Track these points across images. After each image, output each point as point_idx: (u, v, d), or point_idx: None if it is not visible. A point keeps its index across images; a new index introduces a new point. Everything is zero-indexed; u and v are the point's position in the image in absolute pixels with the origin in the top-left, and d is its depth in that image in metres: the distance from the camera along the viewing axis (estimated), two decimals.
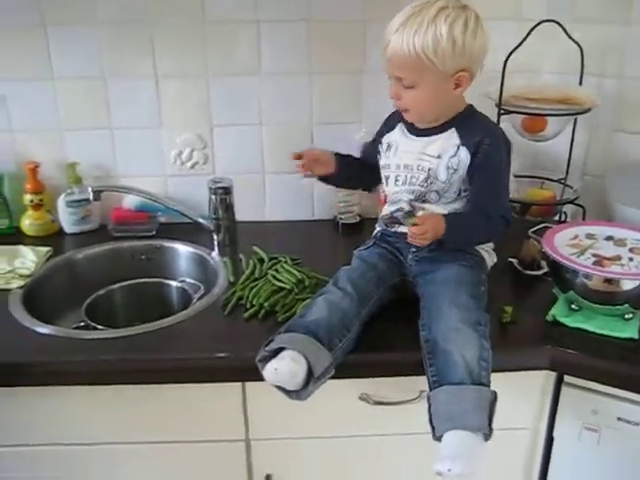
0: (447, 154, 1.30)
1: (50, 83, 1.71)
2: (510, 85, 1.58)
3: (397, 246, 1.38)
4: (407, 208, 1.34)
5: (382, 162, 1.40)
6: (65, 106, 1.74)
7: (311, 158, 1.42)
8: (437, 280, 1.29)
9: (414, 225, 1.26)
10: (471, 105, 1.35)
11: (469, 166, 1.29)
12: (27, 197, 1.76)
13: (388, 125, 1.41)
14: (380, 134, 1.43)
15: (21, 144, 1.77)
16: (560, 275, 1.33)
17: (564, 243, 1.36)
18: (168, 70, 1.71)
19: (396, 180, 1.37)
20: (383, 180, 1.41)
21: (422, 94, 1.26)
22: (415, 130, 1.35)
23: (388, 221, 1.39)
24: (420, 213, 1.31)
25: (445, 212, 1.32)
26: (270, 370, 1.12)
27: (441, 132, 1.31)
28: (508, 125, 1.67)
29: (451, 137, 1.30)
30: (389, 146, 1.39)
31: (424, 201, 1.34)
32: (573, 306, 1.34)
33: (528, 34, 1.52)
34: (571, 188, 1.72)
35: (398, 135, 1.38)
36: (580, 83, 1.65)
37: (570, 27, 1.57)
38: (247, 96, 1.74)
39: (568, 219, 1.74)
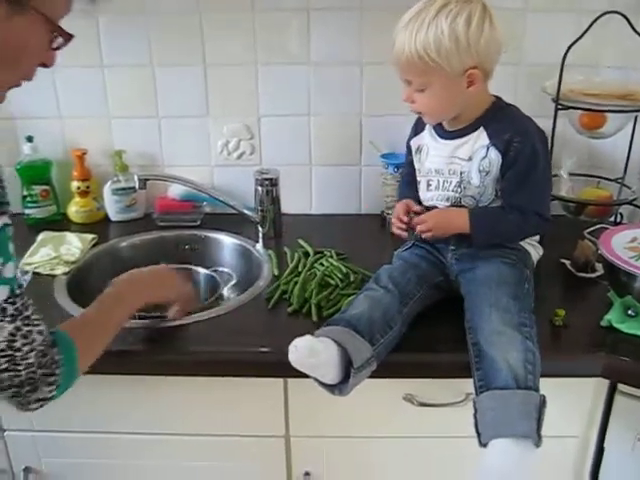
0: (478, 156, 1.25)
1: (99, 70, 1.71)
2: (568, 79, 1.52)
3: (436, 246, 1.35)
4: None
5: (415, 166, 1.37)
6: (113, 94, 1.74)
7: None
8: (477, 279, 1.25)
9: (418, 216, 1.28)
10: (499, 99, 1.28)
11: (501, 166, 1.23)
12: (74, 184, 1.77)
13: (417, 127, 1.37)
14: (409, 138, 1.40)
15: (69, 131, 1.78)
16: (617, 279, 1.28)
17: (622, 245, 1.31)
18: (217, 59, 1.69)
19: (428, 185, 1.33)
20: (417, 184, 1.37)
21: (434, 96, 1.20)
22: (444, 133, 1.30)
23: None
24: None
25: None
26: (291, 349, 1.09)
27: (470, 132, 1.26)
28: (565, 121, 1.61)
29: (480, 137, 1.25)
30: (419, 149, 1.35)
31: (461, 207, 1.30)
32: (629, 312, 1.28)
33: (590, 26, 1.45)
34: (629, 188, 1.65)
35: (428, 138, 1.33)
36: None
37: (635, 19, 1.49)
38: (296, 86, 1.71)
39: (624, 220, 1.68)
